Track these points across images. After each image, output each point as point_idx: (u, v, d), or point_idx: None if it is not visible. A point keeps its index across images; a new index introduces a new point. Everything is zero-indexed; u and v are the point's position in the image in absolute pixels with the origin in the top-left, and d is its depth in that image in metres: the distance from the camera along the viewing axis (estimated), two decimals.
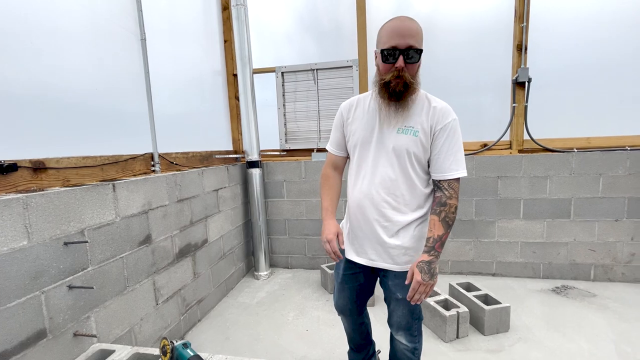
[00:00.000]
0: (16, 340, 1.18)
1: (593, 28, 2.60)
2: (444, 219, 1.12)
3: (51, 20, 1.49)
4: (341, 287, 1.42)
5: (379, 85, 1.15)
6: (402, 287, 1.23)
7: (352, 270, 1.36)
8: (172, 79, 2.37)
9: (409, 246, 1.22)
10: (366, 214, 1.23)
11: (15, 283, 1.18)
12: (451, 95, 2.89)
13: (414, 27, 1.08)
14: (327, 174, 1.37)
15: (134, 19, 1.99)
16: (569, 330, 2.07)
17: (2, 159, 1.27)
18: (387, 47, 1.08)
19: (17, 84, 1.34)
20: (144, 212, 1.83)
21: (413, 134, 1.15)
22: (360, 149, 1.24)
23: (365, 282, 1.39)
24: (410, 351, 1.34)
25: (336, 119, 1.34)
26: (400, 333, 1.33)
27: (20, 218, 1.20)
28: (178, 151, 2.38)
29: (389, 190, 1.19)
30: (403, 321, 1.30)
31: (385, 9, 2.91)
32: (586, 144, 2.72)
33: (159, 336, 1.92)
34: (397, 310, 1.30)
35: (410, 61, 1.09)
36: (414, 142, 1.15)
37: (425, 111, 1.16)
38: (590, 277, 2.76)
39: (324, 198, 1.34)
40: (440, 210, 1.13)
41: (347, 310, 1.45)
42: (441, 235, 1.11)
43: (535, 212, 2.79)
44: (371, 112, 1.22)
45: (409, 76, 1.10)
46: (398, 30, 1.07)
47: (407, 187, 1.19)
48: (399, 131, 1.16)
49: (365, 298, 1.46)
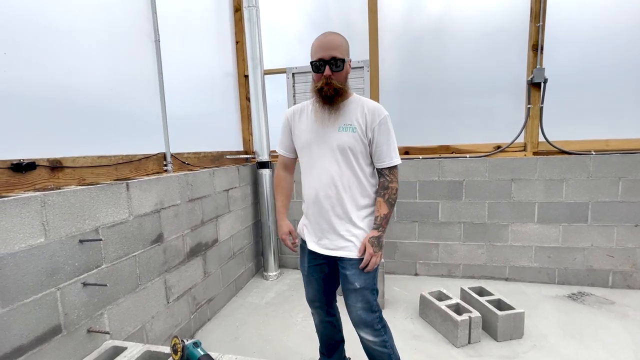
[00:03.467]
0: (32, 335, 1.20)
1: (612, 26, 2.53)
2: (387, 199, 1.33)
3: (68, 22, 1.52)
4: (308, 280, 1.52)
5: (315, 92, 1.30)
6: (359, 275, 1.33)
7: (316, 262, 1.46)
8: (185, 79, 2.40)
9: (363, 234, 1.34)
10: (321, 208, 1.34)
11: (32, 279, 1.20)
12: (463, 96, 2.85)
13: (336, 40, 1.25)
14: (279, 176, 1.54)
15: (149, 21, 2.02)
16: (585, 338, 2.01)
17: (21, 158, 1.31)
18: (315, 59, 1.26)
19: (36, 86, 1.38)
20: (156, 211, 1.85)
21: (352, 131, 1.29)
22: (307, 149, 1.36)
23: (329, 272, 1.48)
24: (380, 345, 1.38)
25: (283, 124, 1.47)
26: (364, 330, 1.37)
27: (38, 216, 1.22)
28: (190, 151, 2.40)
29: (339, 184, 1.31)
30: (363, 315, 1.35)
31: (396, 8, 2.89)
32: (605, 147, 2.64)
33: (170, 334, 1.94)
34: (355, 304, 1.35)
35: (336, 70, 1.25)
36: (354, 139, 1.29)
37: (360, 111, 1.31)
38: (609, 284, 2.67)
39: (277, 199, 1.53)
40: (384, 192, 1.33)
41: (317, 301, 1.54)
42: (386, 214, 1.32)
43: (551, 216, 2.72)
44: (312, 116, 1.35)
45: (336, 82, 1.26)
46: (322, 45, 1.24)
47: (354, 180, 1.32)
48: (340, 129, 1.30)
49: (332, 288, 1.55)
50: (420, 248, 2.99)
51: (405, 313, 2.37)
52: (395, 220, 3.01)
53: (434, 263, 2.99)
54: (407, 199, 2.96)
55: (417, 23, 2.88)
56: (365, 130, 1.29)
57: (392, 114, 3.34)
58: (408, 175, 2.93)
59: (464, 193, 2.85)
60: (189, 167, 2.35)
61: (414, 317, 2.32)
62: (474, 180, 2.82)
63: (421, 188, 2.92)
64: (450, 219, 2.90)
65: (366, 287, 1.33)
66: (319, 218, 1.37)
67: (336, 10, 3.01)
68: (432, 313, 2.17)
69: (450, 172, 2.85)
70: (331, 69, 1.24)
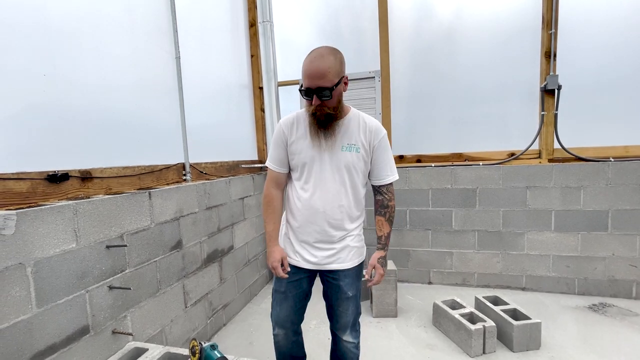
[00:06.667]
0: (64, 334, 1.29)
1: (627, 31, 2.49)
2: (388, 218, 1.35)
3: (97, 41, 1.65)
4: (284, 297, 1.44)
5: (309, 115, 1.28)
6: (352, 284, 1.39)
7: (297, 277, 1.40)
8: (202, 92, 2.52)
9: (355, 245, 1.39)
10: (318, 225, 1.32)
11: (64, 282, 1.30)
12: (476, 104, 2.86)
13: (322, 66, 1.16)
14: (270, 196, 1.40)
15: (170, 38, 2.15)
16: (607, 351, 1.95)
17: (56, 169, 1.42)
18: (303, 87, 1.22)
19: (68, 101, 1.50)
20: (176, 218, 1.94)
21: (356, 151, 1.29)
22: (308, 166, 1.31)
23: (307, 288, 1.46)
24: (356, 347, 1.48)
25: (276, 136, 1.37)
26: (347, 333, 1.44)
27: (70, 223, 1.32)
28: (207, 161, 2.51)
29: (340, 202, 1.31)
30: (351, 319, 1.43)
31: (407, 17, 2.94)
32: (624, 153, 2.58)
33: (187, 338, 2.01)
34: (347, 310, 1.41)
35: (324, 99, 1.20)
36: (357, 158, 1.29)
37: (362, 130, 1.30)
38: (632, 295, 2.58)
39: (268, 222, 1.39)
40: (384, 211, 1.35)
41: (289, 321, 1.47)
42: (389, 232, 1.36)
43: (569, 224, 2.66)
44: (313, 132, 1.29)
45: (327, 109, 1.22)
46: (308, 73, 1.19)
47: (353, 197, 1.34)
48: (344, 149, 1.29)
49: (306, 304, 1.52)
50: (434, 256, 2.98)
51: (418, 321, 2.36)
52: (408, 229, 3.01)
53: (448, 271, 2.96)
54: (420, 207, 2.96)
55: (428, 32, 2.92)
56: (368, 149, 1.30)
57: (404, 123, 3.35)
58: (420, 183, 2.94)
59: (477, 201, 2.83)
60: (206, 176, 2.45)
61: (427, 325, 2.30)
62: (488, 188, 2.80)
63: (434, 196, 2.92)
64: (464, 227, 2.88)
65: (357, 293, 1.42)
66: (313, 233, 1.34)
67: (347, 22, 3.09)
68: (446, 322, 2.15)
69: (464, 180, 2.84)
70: (320, 98, 1.20)
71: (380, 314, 2.44)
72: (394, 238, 3.03)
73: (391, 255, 3.04)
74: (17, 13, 1.30)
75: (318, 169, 1.30)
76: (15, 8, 1.29)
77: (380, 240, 1.36)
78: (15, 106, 1.30)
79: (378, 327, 2.33)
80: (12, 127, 1.29)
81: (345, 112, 1.31)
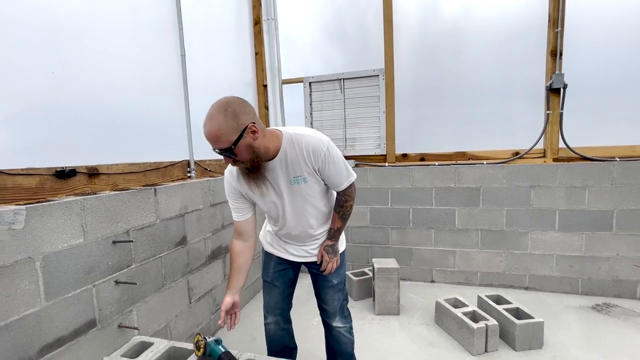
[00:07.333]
0: (72, 327, 1.31)
1: (636, 28, 2.47)
2: (342, 216, 1.45)
3: (103, 39, 1.67)
4: (271, 287, 1.59)
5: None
6: (335, 273, 1.52)
7: (283, 266, 1.56)
8: (206, 89, 2.53)
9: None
10: (294, 240, 1.49)
11: (72, 276, 1.32)
12: (480, 102, 2.85)
13: (212, 130, 1.08)
14: (236, 251, 1.45)
15: (175, 36, 2.16)
16: (610, 350, 1.94)
17: (64, 166, 1.44)
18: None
19: (74, 99, 1.52)
20: (181, 215, 1.96)
21: (304, 181, 1.29)
22: (268, 213, 1.45)
23: (293, 277, 1.61)
24: (348, 331, 1.58)
25: (228, 191, 1.40)
26: (336, 319, 1.55)
27: (78, 218, 1.34)
28: (211, 158, 2.52)
29: (309, 225, 1.42)
30: (338, 305, 1.54)
31: (412, 15, 2.93)
32: (630, 153, 2.56)
33: (191, 333, 2.03)
34: (333, 297, 1.54)
35: (232, 156, 1.13)
36: (307, 186, 1.31)
37: (301, 158, 1.23)
38: (636, 295, 2.56)
39: (231, 275, 1.48)
40: (339, 210, 1.44)
41: (279, 308, 1.61)
42: (340, 227, 1.47)
43: (573, 224, 2.65)
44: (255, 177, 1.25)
45: (242, 164, 1.18)
46: (206, 136, 1.11)
47: (320, 213, 1.42)
48: (292, 183, 1.29)
49: (293, 291, 1.66)
50: (437, 255, 2.98)
51: (420, 319, 2.37)
52: (411, 227, 3.01)
53: (451, 270, 2.96)
54: (423, 206, 2.96)
55: (433, 30, 2.91)
56: (315, 172, 1.27)
57: (408, 121, 3.33)
58: (424, 181, 2.93)
59: (481, 200, 2.82)
60: (210, 173, 2.47)
61: (430, 323, 2.31)
62: (492, 187, 2.79)
63: (437, 194, 2.92)
64: (467, 225, 2.88)
65: (341, 281, 1.55)
66: (293, 242, 1.50)
67: (351, 19, 3.09)
68: (448, 320, 2.16)
69: (467, 179, 2.84)
70: (228, 157, 1.15)
71: (382, 311, 2.45)
72: (397, 236, 3.04)
73: (394, 253, 3.05)
74: (26, 12, 1.32)
75: (280, 212, 1.38)
76: (25, 8, 1.31)
77: (330, 232, 1.47)
78: (24, 104, 1.32)
79: (380, 324, 2.34)
80: (21, 124, 1.31)
81: (274, 150, 1.21)
